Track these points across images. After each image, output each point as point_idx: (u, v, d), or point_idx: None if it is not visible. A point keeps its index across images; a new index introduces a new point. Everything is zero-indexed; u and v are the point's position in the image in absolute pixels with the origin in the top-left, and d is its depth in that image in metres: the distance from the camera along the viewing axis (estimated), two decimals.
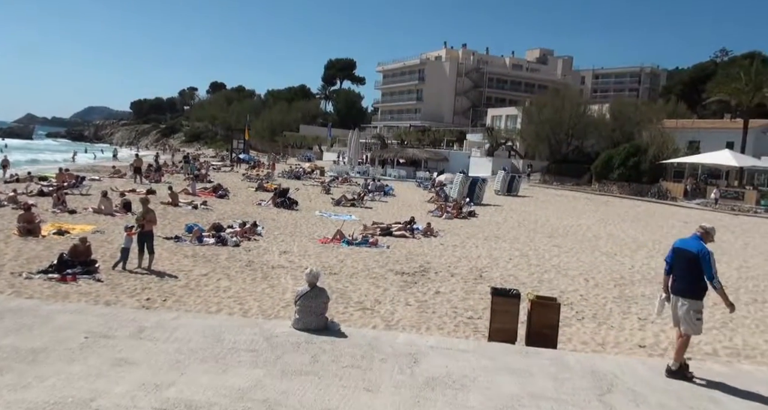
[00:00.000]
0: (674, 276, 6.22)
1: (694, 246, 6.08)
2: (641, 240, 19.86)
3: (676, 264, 6.20)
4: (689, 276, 6.04)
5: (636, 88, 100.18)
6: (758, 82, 42.17)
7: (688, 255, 6.05)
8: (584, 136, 50.99)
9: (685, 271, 6.08)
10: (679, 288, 6.12)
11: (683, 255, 6.13)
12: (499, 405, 4.84)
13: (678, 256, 6.20)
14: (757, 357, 8.42)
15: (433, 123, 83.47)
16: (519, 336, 7.57)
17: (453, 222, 21.98)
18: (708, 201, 36.92)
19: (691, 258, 5.99)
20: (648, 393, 5.45)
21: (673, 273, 6.24)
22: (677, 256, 6.21)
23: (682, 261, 6.11)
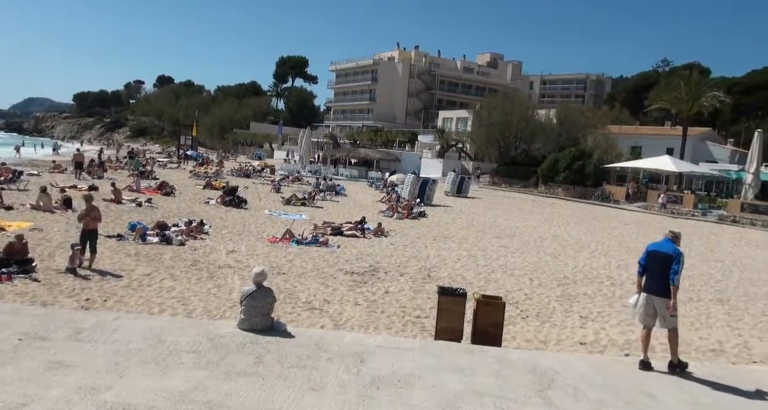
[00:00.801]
0: (649, 278, 6.61)
1: (669, 249, 6.54)
2: (584, 241, 20.51)
3: (652, 267, 6.60)
4: (664, 276, 6.45)
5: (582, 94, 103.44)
6: (697, 92, 44.30)
7: (665, 256, 6.48)
8: (532, 139, 52.22)
9: (661, 272, 6.48)
10: (656, 288, 6.54)
11: (659, 256, 6.55)
12: (443, 402, 4.91)
13: (653, 259, 6.61)
14: (692, 352, 8.82)
15: (386, 123, 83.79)
16: (465, 335, 7.69)
17: (404, 222, 22.13)
18: (654, 204, 38.43)
19: (667, 259, 6.44)
20: (587, 388, 5.64)
21: (647, 275, 6.64)
22: (652, 259, 6.63)
23: (658, 263, 6.53)
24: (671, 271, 6.36)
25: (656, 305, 6.55)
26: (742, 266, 17.76)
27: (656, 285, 6.53)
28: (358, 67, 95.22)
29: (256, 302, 6.62)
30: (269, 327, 6.64)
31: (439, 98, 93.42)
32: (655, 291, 6.52)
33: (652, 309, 6.62)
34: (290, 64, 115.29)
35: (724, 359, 8.63)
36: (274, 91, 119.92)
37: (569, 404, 5.15)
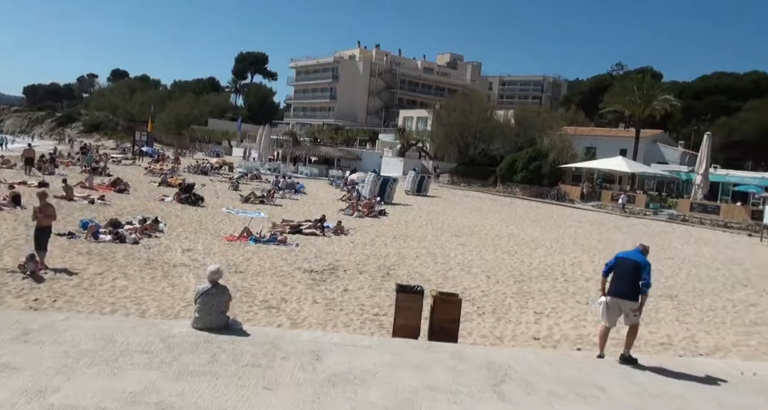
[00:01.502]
0: (617, 282, 7.03)
1: (639, 258, 7.06)
2: (540, 239, 20.94)
3: (621, 272, 7.05)
4: (633, 282, 6.93)
5: (539, 95, 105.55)
6: (649, 96, 45.79)
7: (634, 264, 6.98)
8: (490, 139, 52.99)
9: (629, 278, 6.97)
10: (623, 292, 6.99)
11: (629, 263, 7.04)
12: (398, 398, 4.94)
13: (622, 265, 7.07)
14: (641, 346, 9.11)
15: (347, 122, 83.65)
16: (422, 332, 7.76)
17: (364, 220, 22.14)
18: (607, 204, 39.48)
19: (637, 267, 6.93)
20: (539, 381, 5.77)
21: (616, 280, 7.04)
22: (621, 265, 7.08)
23: (628, 269, 7.01)
24: (643, 283, 6.87)
25: (622, 306, 7.02)
26: (690, 263, 18.45)
27: (625, 289, 6.99)
28: (319, 64, 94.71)
29: (211, 300, 6.53)
30: (224, 325, 6.55)
31: (400, 97, 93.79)
32: (622, 295, 6.99)
33: (617, 310, 7.07)
34: (249, 60, 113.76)
35: (672, 352, 8.96)
36: (232, 87, 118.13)
37: (522, 397, 5.26)
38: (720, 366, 7.78)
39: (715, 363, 8.13)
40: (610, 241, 22.44)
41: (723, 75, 71.26)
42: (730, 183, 41.22)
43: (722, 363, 8.12)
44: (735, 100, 63.89)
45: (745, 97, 63.25)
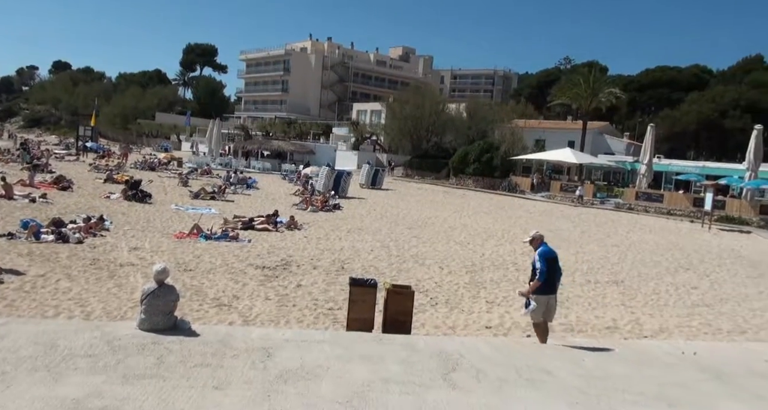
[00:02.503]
0: (549, 280, 7.19)
1: (555, 253, 7.40)
2: (492, 230, 21.30)
3: (553, 271, 7.25)
4: (556, 278, 7.31)
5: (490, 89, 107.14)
6: (595, 89, 47.16)
7: (556, 258, 7.31)
8: (443, 132, 53.50)
9: (556, 275, 7.31)
10: (554, 288, 7.30)
11: (556, 260, 7.32)
12: (351, 391, 4.95)
13: (553, 264, 7.28)
14: (588, 330, 9.42)
15: (299, 115, 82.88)
16: (376, 324, 7.79)
17: (318, 215, 22.02)
18: (556, 194, 40.45)
19: (557, 260, 7.34)
20: (489, 369, 5.88)
21: (548, 278, 7.17)
22: (552, 264, 7.26)
23: (555, 267, 7.29)
24: (558, 274, 7.34)
25: (552, 303, 7.33)
26: (635, 250, 19.13)
27: (554, 286, 7.34)
28: (270, 57, 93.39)
29: (157, 301, 6.36)
30: (172, 326, 6.40)
31: (353, 91, 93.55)
32: (554, 291, 7.33)
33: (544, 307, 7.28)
34: (198, 52, 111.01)
35: (618, 335, 9.28)
36: (180, 79, 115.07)
37: (472, 385, 5.34)
38: (663, 347, 8.12)
39: (659, 344, 8.48)
40: (559, 230, 23.02)
41: (665, 68, 73.90)
42: (673, 172, 42.91)
43: (666, 344, 8.47)
44: (676, 92, 66.41)
45: (686, 89, 65.79)
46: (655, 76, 72.25)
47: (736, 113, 53.90)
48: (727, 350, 8.32)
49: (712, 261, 17.89)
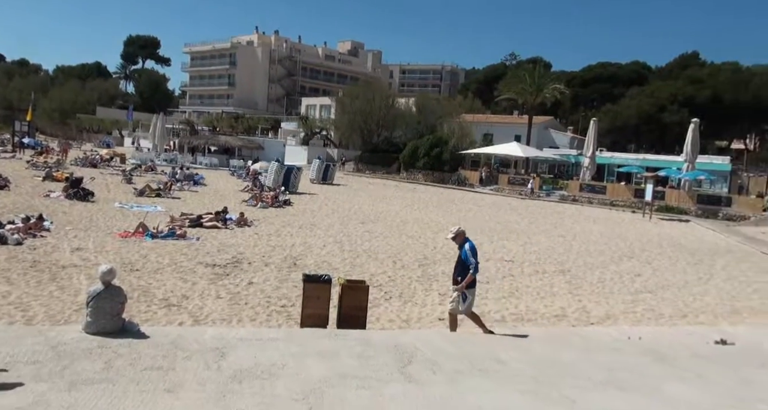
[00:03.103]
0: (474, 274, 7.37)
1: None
2: (442, 223, 21.54)
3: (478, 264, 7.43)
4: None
5: (438, 84, 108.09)
6: (540, 84, 48.27)
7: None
8: (393, 127, 53.66)
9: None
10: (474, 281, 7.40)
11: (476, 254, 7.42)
12: (307, 388, 4.92)
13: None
14: (537, 319, 9.67)
15: (247, 110, 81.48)
16: (331, 320, 7.77)
17: (268, 211, 21.73)
18: (504, 187, 41.25)
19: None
20: (444, 361, 5.95)
21: (474, 271, 7.37)
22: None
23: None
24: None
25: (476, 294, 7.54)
26: (580, 240, 19.75)
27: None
28: (215, 50, 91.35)
29: (104, 303, 6.13)
30: (120, 328, 6.19)
31: (302, 85, 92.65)
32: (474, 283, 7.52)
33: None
34: (140, 44, 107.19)
35: (566, 323, 9.57)
36: (122, 72, 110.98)
37: (428, 377, 5.40)
38: (610, 332, 8.43)
39: (606, 330, 8.80)
40: (508, 222, 23.53)
41: (606, 65, 76.38)
42: (615, 164, 44.46)
43: (612, 330, 8.79)
44: (617, 87, 68.80)
45: (626, 85, 68.24)
46: (596, 72, 74.59)
47: (673, 108, 56.30)
48: (670, 334, 8.71)
49: (653, 249, 18.66)
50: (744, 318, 10.70)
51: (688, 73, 64.44)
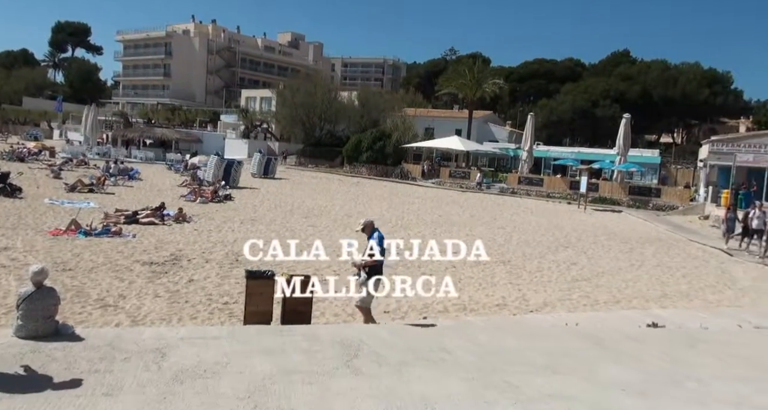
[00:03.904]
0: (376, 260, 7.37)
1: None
2: (386, 216, 21.67)
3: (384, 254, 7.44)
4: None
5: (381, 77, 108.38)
6: (480, 79, 49.18)
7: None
8: (336, 120, 53.42)
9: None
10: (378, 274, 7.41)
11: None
12: (252, 386, 4.85)
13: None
14: (480, 309, 9.89)
15: (184, 102, 79.13)
16: (275, 317, 7.68)
17: (208, 206, 21.24)
18: (445, 180, 41.82)
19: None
20: (390, 353, 6.00)
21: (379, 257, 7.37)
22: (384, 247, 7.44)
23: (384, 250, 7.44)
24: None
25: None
26: (519, 231, 20.30)
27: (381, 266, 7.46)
28: (150, 38, 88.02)
29: (35, 305, 5.83)
30: (53, 331, 5.90)
31: (241, 77, 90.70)
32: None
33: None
34: (69, 31, 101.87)
35: (507, 311, 9.83)
36: (50, 61, 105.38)
37: (374, 370, 5.44)
38: (548, 319, 8.73)
39: (544, 317, 9.10)
40: (449, 215, 23.91)
41: (543, 61, 78.64)
42: (551, 157, 45.86)
43: (550, 316, 9.11)
44: (553, 83, 71.04)
45: (561, 80, 70.53)
46: (533, 68, 76.72)
47: (606, 103, 58.64)
48: (604, 319, 9.11)
49: (588, 238, 19.42)
50: (673, 302, 11.32)
51: (620, 70, 67.26)
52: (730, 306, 11.25)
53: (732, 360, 6.73)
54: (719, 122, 69.26)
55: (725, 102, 62.68)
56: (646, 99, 59.75)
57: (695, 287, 12.95)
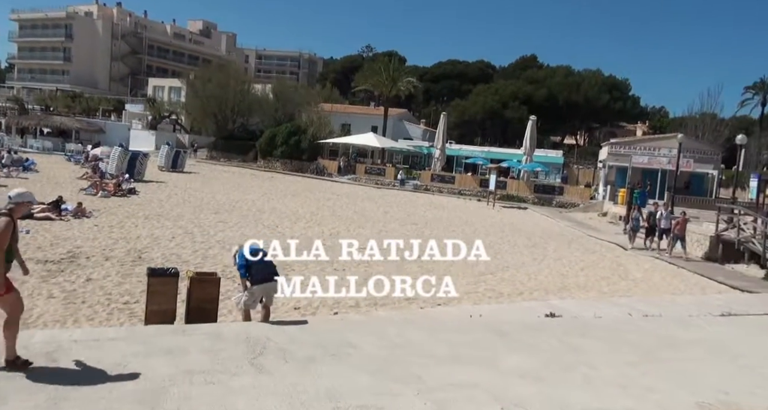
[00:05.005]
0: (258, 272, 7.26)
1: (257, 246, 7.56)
2: (301, 212, 21.48)
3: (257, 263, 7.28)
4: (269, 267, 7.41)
5: (296, 71, 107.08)
6: (395, 77, 49.80)
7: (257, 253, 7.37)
8: (250, 113, 52.22)
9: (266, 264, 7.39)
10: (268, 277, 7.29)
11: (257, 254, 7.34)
12: (151, 388, 4.67)
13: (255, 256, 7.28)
14: (390, 303, 10.03)
15: (86, 88, 74.46)
16: (179, 316, 7.42)
17: (110, 200, 20.15)
18: (362, 176, 41.96)
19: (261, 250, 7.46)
20: (296, 349, 5.96)
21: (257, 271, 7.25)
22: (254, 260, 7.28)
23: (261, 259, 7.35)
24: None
25: (267, 288, 7.33)
26: (431, 226, 20.77)
27: (266, 274, 7.31)
28: (48, 19, 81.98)
29: None
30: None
31: (149, 64, 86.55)
32: (268, 279, 7.30)
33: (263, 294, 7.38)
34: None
35: (415, 305, 10.03)
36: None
37: (279, 366, 5.38)
38: (454, 312, 9.00)
39: (451, 310, 9.37)
40: (364, 211, 24.07)
41: (455, 62, 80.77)
42: (463, 156, 47.27)
43: (456, 309, 9.39)
44: (465, 84, 73.13)
45: (473, 82, 72.74)
46: (446, 69, 78.64)
47: (515, 104, 61.10)
48: (507, 310, 9.52)
49: (495, 234, 20.18)
50: (572, 293, 12.01)
51: (528, 74, 70.31)
52: (622, 296, 12.09)
53: (621, 346, 7.23)
54: (618, 126, 74.21)
55: (624, 107, 67.17)
56: (552, 102, 62.87)
57: (592, 279, 13.81)
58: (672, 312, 9.55)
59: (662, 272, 15.49)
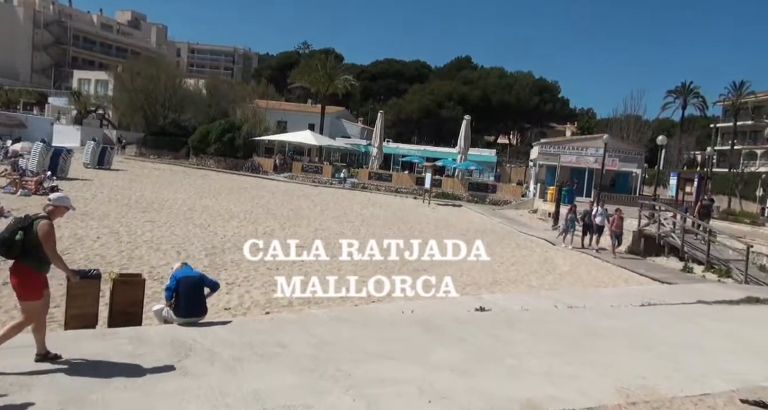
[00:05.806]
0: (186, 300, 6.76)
1: (196, 273, 7.18)
2: (234, 211, 21.06)
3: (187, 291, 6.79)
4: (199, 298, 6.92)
5: (231, 67, 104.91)
6: (332, 75, 49.60)
7: (196, 280, 6.97)
8: (181, 109, 50.72)
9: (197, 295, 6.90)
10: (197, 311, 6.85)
11: (191, 282, 6.90)
12: (67, 397, 4.44)
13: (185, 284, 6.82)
14: (325, 302, 10.00)
15: (5, 80, 70.13)
16: (101, 319, 7.12)
17: (31, 199, 19.12)
18: (298, 175, 41.53)
19: (198, 283, 6.97)
20: (223, 350, 5.83)
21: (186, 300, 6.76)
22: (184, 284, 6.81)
23: (192, 287, 6.86)
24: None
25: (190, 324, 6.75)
26: (367, 224, 20.83)
27: (193, 308, 6.85)
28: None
29: None
30: None
31: (74, 56, 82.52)
32: (194, 314, 6.83)
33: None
34: None
35: (350, 303, 10.04)
36: None
37: (205, 368, 5.25)
38: (387, 308, 9.06)
39: (384, 307, 9.42)
40: (300, 209, 23.87)
41: (392, 62, 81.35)
42: (400, 154, 47.74)
43: (389, 305, 9.45)
44: (402, 83, 73.87)
45: (410, 81, 73.56)
46: (384, 68, 79.12)
47: (450, 104, 62.20)
48: (438, 305, 9.67)
49: (430, 231, 20.47)
50: (502, 288, 12.34)
51: (463, 75, 71.71)
52: (549, 289, 12.54)
53: (546, 336, 7.48)
54: (549, 126, 76.90)
55: (554, 108, 69.67)
56: (486, 102, 64.40)
57: (521, 273, 14.26)
58: (595, 304, 9.97)
59: (588, 265, 16.18)
